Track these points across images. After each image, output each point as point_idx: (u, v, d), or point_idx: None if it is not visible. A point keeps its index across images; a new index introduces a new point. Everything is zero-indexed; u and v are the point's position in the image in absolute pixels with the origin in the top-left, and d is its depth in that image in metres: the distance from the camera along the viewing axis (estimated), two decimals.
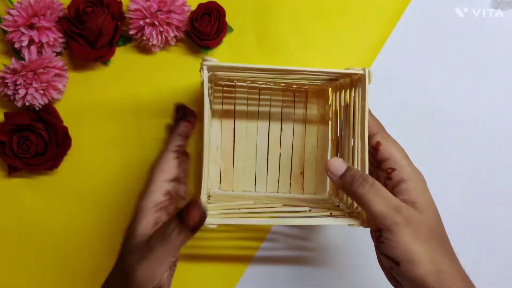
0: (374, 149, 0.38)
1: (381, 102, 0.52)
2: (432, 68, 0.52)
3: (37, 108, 0.48)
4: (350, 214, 0.39)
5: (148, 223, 0.35)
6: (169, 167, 0.38)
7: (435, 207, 0.36)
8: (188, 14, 0.49)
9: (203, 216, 0.32)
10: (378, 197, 0.34)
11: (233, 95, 0.49)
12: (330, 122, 0.49)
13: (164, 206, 0.36)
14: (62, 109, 0.50)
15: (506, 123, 0.52)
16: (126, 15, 0.49)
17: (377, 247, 0.35)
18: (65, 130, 0.49)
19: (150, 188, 0.36)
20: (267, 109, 0.49)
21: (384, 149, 0.37)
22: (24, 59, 0.48)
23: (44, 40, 0.47)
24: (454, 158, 0.52)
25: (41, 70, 0.47)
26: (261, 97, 0.49)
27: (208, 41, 0.49)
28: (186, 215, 0.31)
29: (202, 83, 0.38)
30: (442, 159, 0.52)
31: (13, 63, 0.47)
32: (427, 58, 0.52)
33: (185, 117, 0.42)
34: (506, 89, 0.52)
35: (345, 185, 0.35)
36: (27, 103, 0.47)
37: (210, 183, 0.47)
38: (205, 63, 0.38)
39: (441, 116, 0.52)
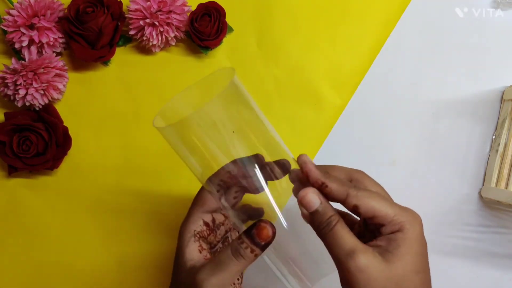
0: (355, 213, 0.33)
1: (381, 102, 0.52)
2: (432, 69, 0.52)
3: (37, 108, 0.48)
4: None
5: (192, 251, 0.36)
6: (208, 199, 0.38)
7: (417, 259, 0.31)
8: (188, 14, 0.49)
9: (274, 233, 0.33)
10: (335, 242, 0.31)
11: None
12: None
13: (203, 236, 0.37)
14: (62, 109, 0.50)
15: None
16: (126, 15, 0.49)
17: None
18: (65, 130, 0.49)
19: (189, 218, 0.37)
20: None
21: (364, 210, 0.32)
22: (24, 59, 0.48)
23: (44, 40, 0.47)
24: (456, 158, 0.52)
25: (41, 70, 0.47)
26: None
27: (208, 41, 0.49)
28: (258, 234, 0.32)
29: None
30: (443, 157, 0.52)
31: (13, 63, 0.47)
32: (427, 58, 0.52)
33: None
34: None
35: (313, 225, 0.33)
36: (27, 103, 0.47)
37: None
38: None
39: (441, 115, 0.52)
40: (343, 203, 0.33)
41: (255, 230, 0.32)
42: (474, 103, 0.52)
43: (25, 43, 0.47)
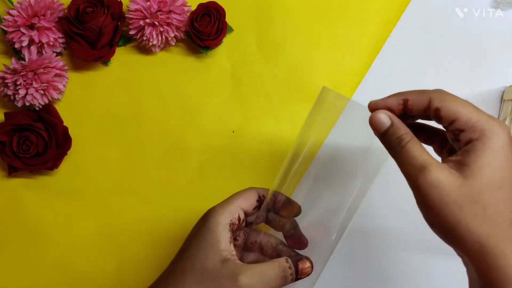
0: (436, 117, 0.31)
1: None
2: (432, 68, 0.52)
3: (37, 108, 0.48)
4: None
5: (227, 239, 0.36)
6: (250, 201, 0.39)
7: (498, 173, 0.28)
8: (188, 14, 0.50)
9: (311, 272, 0.37)
10: (406, 159, 0.30)
11: None
12: None
13: (233, 229, 0.37)
14: (62, 109, 0.50)
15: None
16: (126, 15, 0.49)
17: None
18: (65, 130, 0.49)
19: (228, 207, 0.37)
20: None
21: (446, 113, 0.30)
22: (24, 59, 0.48)
23: (44, 40, 0.47)
24: None
25: (41, 70, 0.47)
26: None
27: (208, 41, 0.49)
28: (302, 269, 0.36)
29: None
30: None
31: (13, 63, 0.47)
32: (427, 58, 0.52)
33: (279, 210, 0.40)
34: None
35: (384, 145, 0.32)
36: (27, 103, 0.47)
37: None
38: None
39: None
40: (427, 110, 0.31)
41: (301, 264, 0.36)
42: (474, 103, 0.52)
43: (25, 43, 0.47)
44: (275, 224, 0.39)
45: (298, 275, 0.36)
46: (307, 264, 0.36)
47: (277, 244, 0.39)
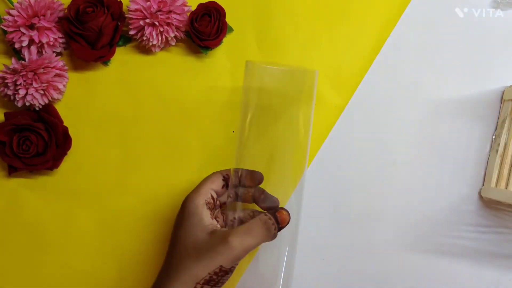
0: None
1: (381, 102, 0.52)
2: (432, 68, 0.52)
3: (37, 108, 0.48)
4: None
5: (208, 216, 0.40)
6: (217, 182, 0.43)
7: None
8: (188, 14, 0.50)
9: (289, 221, 0.42)
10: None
11: None
12: None
13: (210, 208, 0.41)
14: (62, 109, 0.50)
15: None
16: (126, 15, 0.49)
17: None
18: (65, 130, 0.49)
19: (200, 190, 0.42)
20: None
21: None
22: (24, 59, 0.48)
23: (44, 40, 0.48)
24: (456, 158, 0.52)
25: (41, 70, 0.47)
26: None
27: (208, 41, 0.49)
28: (280, 217, 0.41)
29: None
30: (443, 158, 0.52)
31: (13, 63, 0.47)
32: (427, 58, 0.52)
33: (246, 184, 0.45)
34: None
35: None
36: (27, 103, 0.47)
37: None
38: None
39: (441, 115, 0.52)
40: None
41: (279, 214, 0.41)
42: (474, 103, 0.52)
43: (25, 43, 0.47)
44: (245, 197, 0.44)
45: (279, 224, 0.41)
46: (285, 213, 0.41)
47: (253, 213, 0.44)
